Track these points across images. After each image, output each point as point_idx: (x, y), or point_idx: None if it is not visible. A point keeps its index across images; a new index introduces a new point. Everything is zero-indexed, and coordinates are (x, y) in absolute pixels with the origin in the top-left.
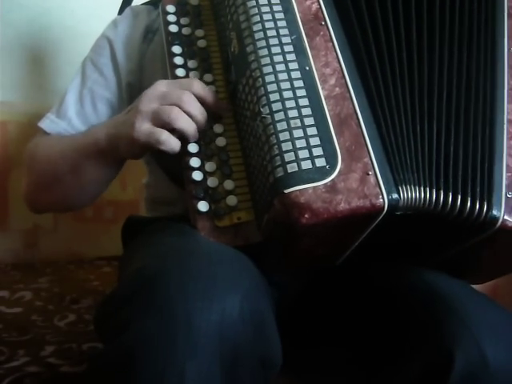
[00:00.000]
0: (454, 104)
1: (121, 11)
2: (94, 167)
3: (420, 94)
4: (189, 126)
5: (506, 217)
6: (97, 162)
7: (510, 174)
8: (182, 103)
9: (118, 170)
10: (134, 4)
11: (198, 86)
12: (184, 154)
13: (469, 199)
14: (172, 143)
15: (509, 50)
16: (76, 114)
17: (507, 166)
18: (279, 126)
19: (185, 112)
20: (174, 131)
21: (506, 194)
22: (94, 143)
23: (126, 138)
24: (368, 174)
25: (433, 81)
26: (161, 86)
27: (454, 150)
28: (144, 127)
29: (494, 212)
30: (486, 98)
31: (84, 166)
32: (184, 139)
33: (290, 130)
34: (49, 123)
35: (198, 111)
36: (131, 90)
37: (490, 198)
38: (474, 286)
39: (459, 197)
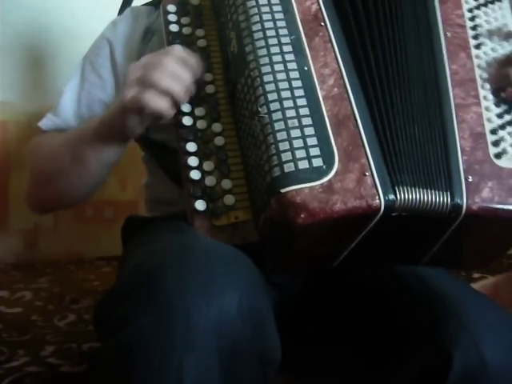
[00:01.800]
0: (420, 101)
1: (120, 12)
2: (94, 153)
3: (409, 94)
4: (175, 84)
5: (469, 201)
6: (95, 147)
7: (466, 158)
8: (162, 66)
9: (117, 155)
10: (134, 5)
11: (180, 51)
12: (182, 152)
13: (434, 193)
14: (157, 102)
15: (445, 35)
16: (72, 114)
17: (462, 149)
18: (277, 126)
19: (168, 72)
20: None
21: (465, 179)
22: (92, 129)
23: (117, 111)
24: (365, 175)
25: (410, 80)
26: (145, 58)
27: (428, 147)
28: (129, 94)
29: (457, 200)
30: (432, 87)
31: (83, 153)
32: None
33: (287, 129)
34: (46, 121)
35: (181, 69)
36: None
37: (450, 187)
38: (473, 286)
39: (437, 193)
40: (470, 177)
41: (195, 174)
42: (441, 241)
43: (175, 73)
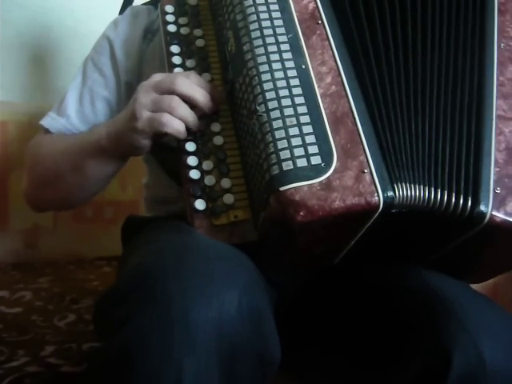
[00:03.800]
0: (443, 101)
1: (122, 11)
2: (95, 165)
3: (414, 91)
4: (189, 114)
5: (493, 212)
6: (98, 160)
7: (498, 169)
8: (175, 86)
9: (118, 168)
10: (135, 4)
11: (194, 77)
12: (182, 152)
13: (453, 195)
14: (175, 124)
15: (499, 46)
16: (75, 112)
17: (496, 161)
18: (275, 124)
19: (180, 94)
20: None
21: (494, 190)
22: (95, 141)
23: (129, 131)
24: (363, 172)
25: (425, 78)
26: (156, 77)
27: (443, 147)
28: (145, 115)
29: (482, 207)
30: (473, 94)
31: (85, 164)
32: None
33: (285, 128)
34: (49, 120)
35: (197, 92)
36: (129, 89)
37: (476, 194)
38: (474, 286)
39: (446, 193)
40: (499, 188)
41: (194, 174)
42: (452, 244)
43: (189, 95)
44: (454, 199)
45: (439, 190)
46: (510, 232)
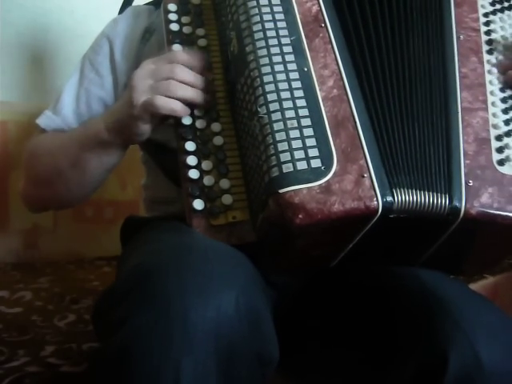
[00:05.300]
0: (424, 101)
1: (121, 11)
2: (96, 158)
3: (406, 94)
4: (191, 93)
5: (468, 205)
6: (98, 153)
7: (468, 162)
8: (174, 75)
9: (118, 159)
10: (135, 4)
11: (183, 55)
12: (181, 151)
13: (435, 195)
14: (170, 104)
15: (458, 38)
16: (72, 112)
17: (465, 153)
18: (276, 126)
19: (181, 81)
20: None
21: (466, 183)
22: (94, 135)
23: (127, 118)
24: (363, 177)
25: (411, 79)
26: (148, 64)
27: (428, 148)
28: (141, 100)
29: (455, 203)
30: (441, 89)
31: (85, 159)
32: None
33: (286, 130)
34: (45, 119)
35: (194, 77)
36: None
37: (449, 190)
38: (473, 286)
39: (436, 195)
40: (471, 181)
41: (194, 173)
42: (438, 243)
43: (188, 81)
44: (435, 199)
45: (431, 193)
46: (490, 222)
